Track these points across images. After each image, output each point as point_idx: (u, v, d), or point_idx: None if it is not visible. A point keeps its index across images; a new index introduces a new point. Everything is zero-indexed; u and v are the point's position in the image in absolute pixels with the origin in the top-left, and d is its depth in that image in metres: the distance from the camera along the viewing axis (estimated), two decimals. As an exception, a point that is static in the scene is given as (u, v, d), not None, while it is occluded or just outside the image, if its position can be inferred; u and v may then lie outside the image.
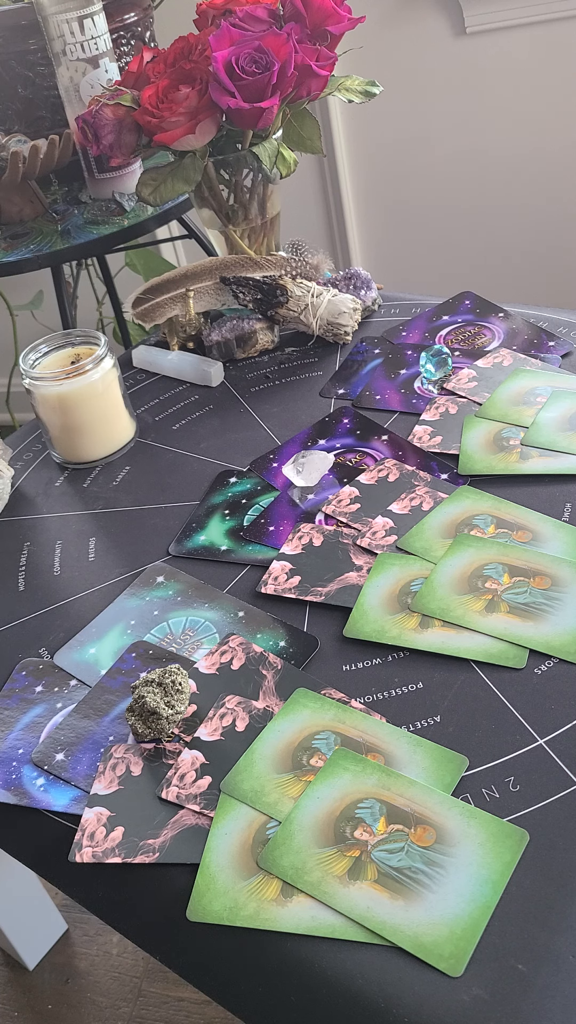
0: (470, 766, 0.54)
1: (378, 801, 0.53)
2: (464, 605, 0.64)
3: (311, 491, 0.77)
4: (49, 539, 0.79)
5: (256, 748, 0.57)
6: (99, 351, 0.84)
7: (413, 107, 1.68)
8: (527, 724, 0.56)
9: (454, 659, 0.61)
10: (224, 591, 0.70)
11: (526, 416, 0.80)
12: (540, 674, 0.59)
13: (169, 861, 0.52)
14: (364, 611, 0.65)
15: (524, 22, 1.54)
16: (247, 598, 0.69)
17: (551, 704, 0.57)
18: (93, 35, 1.08)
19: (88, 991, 1.16)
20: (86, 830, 0.55)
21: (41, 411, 0.85)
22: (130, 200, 1.19)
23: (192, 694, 0.61)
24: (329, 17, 0.91)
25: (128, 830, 0.54)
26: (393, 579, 0.67)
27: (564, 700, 0.57)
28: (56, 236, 1.17)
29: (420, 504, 0.73)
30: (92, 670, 0.65)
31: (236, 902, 0.50)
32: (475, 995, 0.45)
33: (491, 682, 0.59)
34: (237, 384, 0.95)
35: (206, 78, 0.87)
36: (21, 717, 0.63)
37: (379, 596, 0.66)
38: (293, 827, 0.52)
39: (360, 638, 0.63)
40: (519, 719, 0.56)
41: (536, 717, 0.56)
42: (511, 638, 0.61)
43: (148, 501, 0.81)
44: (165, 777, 0.56)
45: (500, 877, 0.49)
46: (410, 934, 0.47)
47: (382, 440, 0.82)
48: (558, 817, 0.51)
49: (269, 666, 0.62)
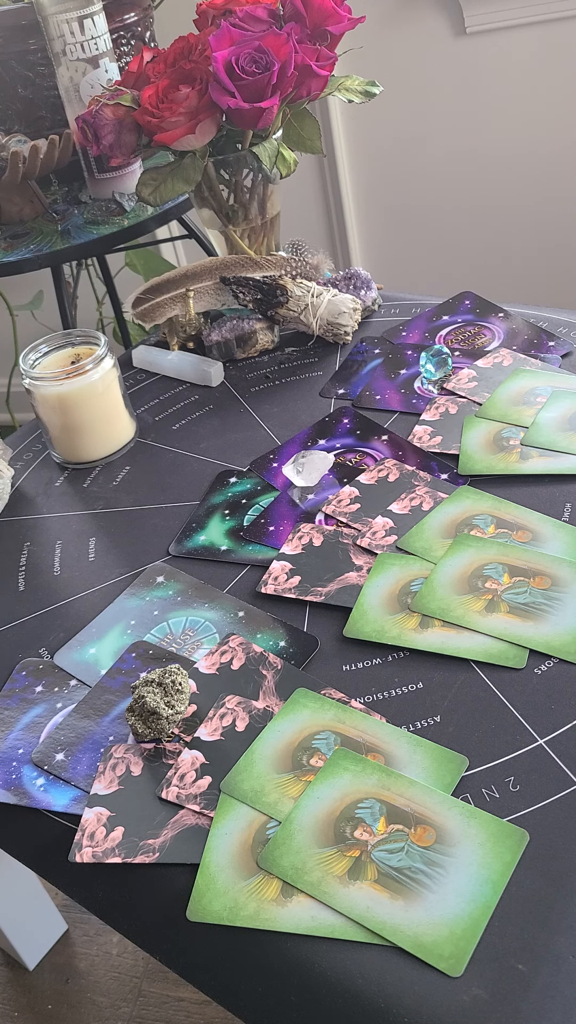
0: (470, 766, 0.54)
1: (378, 801, 0.53)
2: (464, 605, 0.64)
3: (311, 491, 0.77)
4: (49, 539, 0.79)
5: (256, 748, 0.57)
6: (99, 351, 0.84)
7: (413, 107, 1.68)
8: (527, 724, 0.56)
9: (454, 659, 0.61)
10: (224, 591, 0.70)
11: (526, 416, 0.80)
12: (540, 674, 0.59)
13: (169, 861, 0.52)
14: (364, 611, 0.65)
15: (524, 22, 1.54)
16: (247, 598, 0.69)
17: (551, 704, 0.57)
18: (93, 35, 1.08)
19: (88, 991, 1.16)
20: (86, 830, 0.55)
21: (41, 411, 0.85)
22: (130, 200, 1.19)
23: (192, 694, 0.61)
24: (329, 17, 0.91)
25: (128, 830, 0.54)
26: (393, 579, 0.67)
27: (564, 700, 0.57)
28: (56, 236, 1.17)
29: (420, 504, 0.73)
30: (92, 670, 0.65)
31: (236, 902, 0.50)
32: (475, 995, 0.45)
33: (491, 682, 0.59)
34: (237, 384, 0.95)
35: (206, 78, 0.87)
36: (21, 717, 0.63)
37: (379, 596, 0.66)
38: (293, 827, 0.52)
39: (360, 638, 0.63)
40: (519, 719, 0.56)
41: (536, 717, 0.56)
42: (511, 638, 0.61)
43: (148, 501, 0.81)
44: (165, 777, 0.56)
45: (500, 877, 0.49)
46: (410, 934, 0.47)
47: (382, 440, 0.82)
48: (558, 817, 0.51)
49: (269, 666, 0.62)
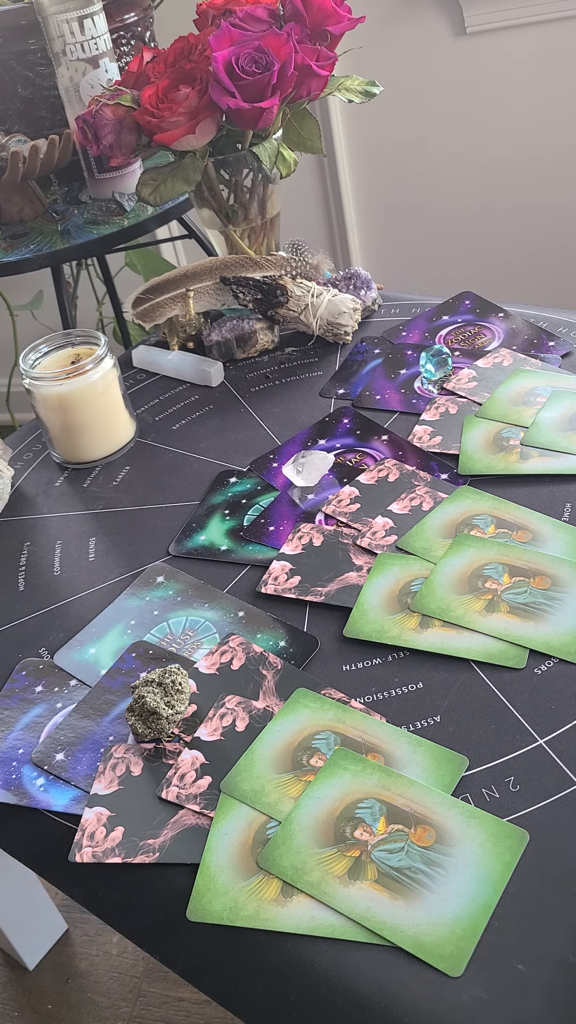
0: (470, 766, 0.54)
1: (378, 801, 0.53)
2: (464, 605, 0.64)
3: (311, 491, 0.77)
4: (49, 539, 0.79)
5: (256, 748, 0.57)
6: (99, 351, 0.84)
7: (413, 107, 1.68)
8: (527, 724, 0.56)
9: (454, 659, 0.61)
10: (224, 591, 0.70)
11: (526, 416, 0.80)
12: (540, 674, 0.59)
13: (169, 861, 0.52)
14: (364, 611, 0.65)
15: (524, 22, 1.54)
16: (247, 598, 0.69)
17: (551, 704, 0.57)
18: (93, 35, 1.08)
19: (88, 991, 1.16)
20: (86, 830, 0.55)
21: (41, 411, 0.85)
22: (130, 200, 1.19)
23: (192, 694, 0.61)
24: (329, 17, 0.91)
25: (128, 830, 0.54)
26: (393, 579, 0.67)
27: (564, 700, 0.57)
28: (56, 236, 1.17)
29: (420, 504, 0.73)
30: (92, 670, 0.65)
31: (236, 902, 0.50)
32: (475, 995, 0.45)
33: (491, 682, 0.59)
34: (237, 384, 0.95)
35: (206, 78, 0.87)
36: (21, 717, 0.63)
37: (379, 596, 0.66)
38: (293, 827, 0.52)
39: (360, 638, 0.63)
40: (519, 719, 0.56)
41: (536, 717, 0.56)
42: (511, 638, 0.61)
43: (148, 501, 0.81)
44: (165, 777, 0.56)
45: (500, 877, 0.49)
46: (410, 934, 0.47)
47: (382, 440, 0.82)
48: (558, 817, 0.51)
49: (269, 666, 0.62)
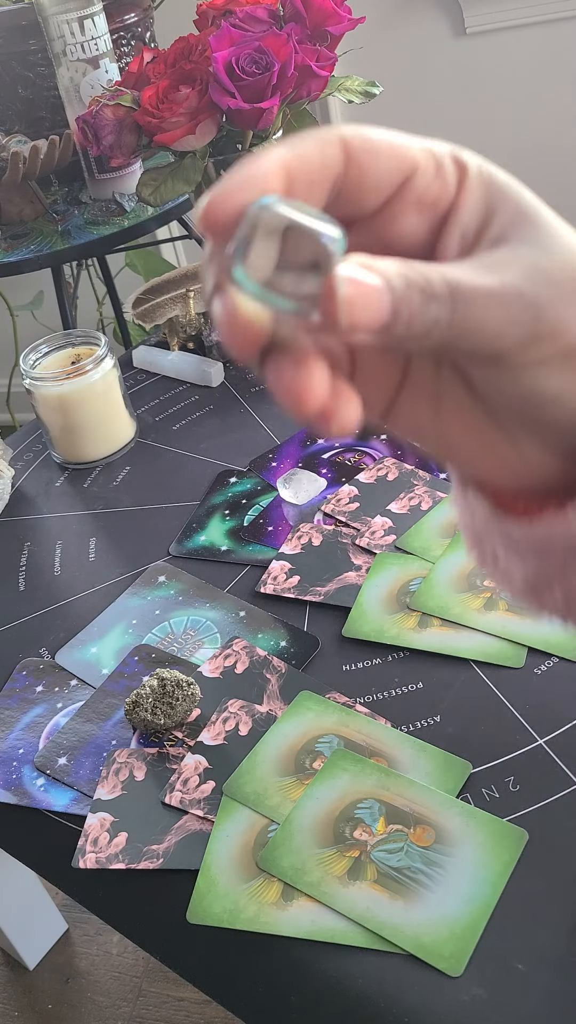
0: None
1: (377, 801, 0.53)
2: (463, 603, 0.64)
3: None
4: (49, 539, 0.80)
5: (259, 751, 0.57)
6: (99, 351, 0.84)
7: (413, 107, 1.68)
8: (527, 724, 0.56)
9: (453, 659, 0.61)
10: (224, 591, 0.70)
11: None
12: (540, 674, 0.59)
13: (173, 867, 0.52)
14: (363, 611, 0.65)
15: (524, 22, 1.54)
16: (247, 598, 0.69)
17: (551, 704, 0.57)
18: (93, 35, 1.07)
19: (88, 991, 1.16)
20: (89, 836, 0.54)
21: (41, 411, 0.85)
22: (130, 200, 1.19)
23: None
24: (329, 17, 0.91)
25: (132, 836, 0.54)
26: (392, 579, 0.67)
27: (564, 700, 0.57)
28: (56, 236, 1.17)
29: (419, 503, 0.73)
30: (93, 669, 0.65)
31: (236, 905, 0.50)
32: (475, 995, 0.45)
33: (491, 682, 0.59)
34: (237, 384, 0.95)
35: (206, 78, 0.87)
36: (21, 717, 0.63)
37: (378, 596, 0.66)
38: (293, 827, 0.52)
39: (359, 638, 0.63)
40: (519, 719, 0.56)
41: (536, 717, 0.56)
42: (510, 635, 0.61)
43: (148, 501, 0.81)
44: (168, 782, 0.56)
45: (500, 877, 0.49)
46: (410, 934, 0.47)
47: (381, 439, 0.82)
48: (558, 817, 0.51)
49: (273, 670, 0.62)
